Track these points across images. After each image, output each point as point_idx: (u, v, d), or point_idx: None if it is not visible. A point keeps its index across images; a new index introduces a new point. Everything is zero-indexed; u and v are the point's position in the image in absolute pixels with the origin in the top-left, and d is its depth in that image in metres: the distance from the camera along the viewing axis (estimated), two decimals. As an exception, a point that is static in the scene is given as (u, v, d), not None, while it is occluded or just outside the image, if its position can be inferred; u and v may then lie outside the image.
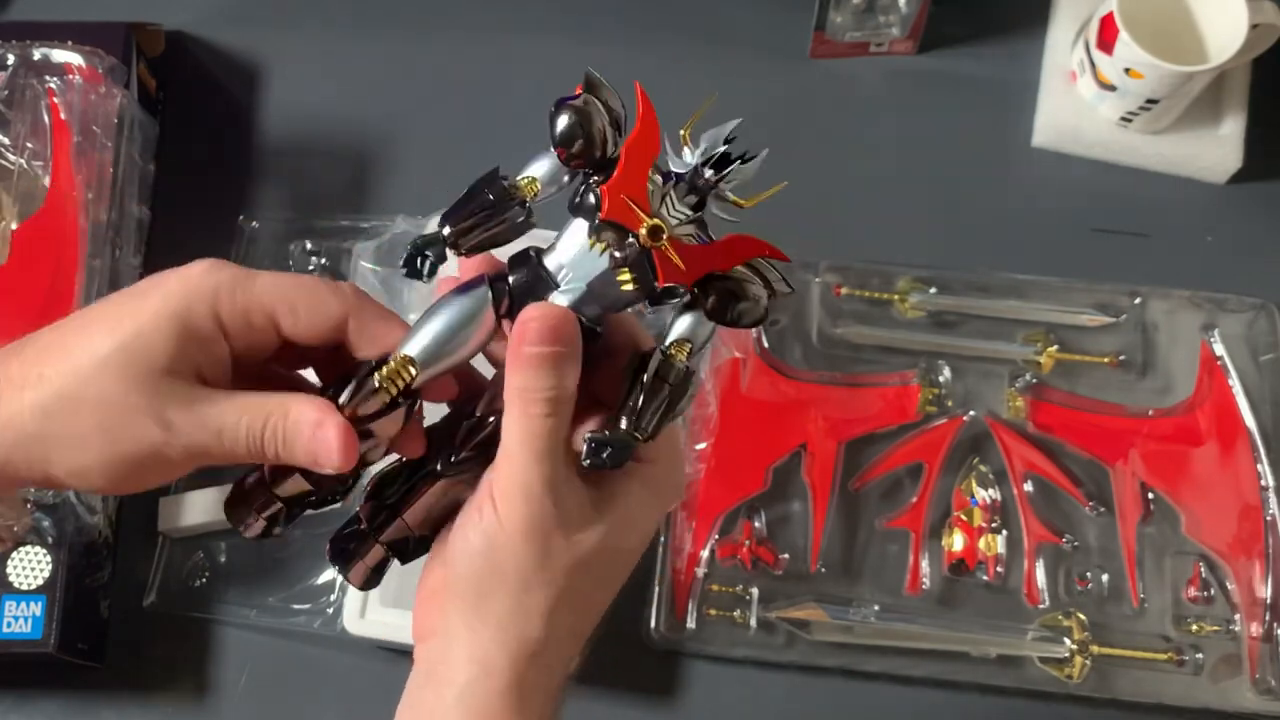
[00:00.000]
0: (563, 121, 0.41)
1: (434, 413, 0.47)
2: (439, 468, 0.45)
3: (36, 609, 0.72)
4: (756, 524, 0.79)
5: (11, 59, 0.81)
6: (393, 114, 0.91)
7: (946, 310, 0.85)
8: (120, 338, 0.41)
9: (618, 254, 0.40)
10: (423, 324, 0.43)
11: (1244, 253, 0.89)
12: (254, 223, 0.86)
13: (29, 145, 0.80)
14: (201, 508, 0.78)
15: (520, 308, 0.41)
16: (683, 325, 0.42)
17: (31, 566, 0.73)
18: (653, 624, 0.77)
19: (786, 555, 0.78)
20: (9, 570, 0.72)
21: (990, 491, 0.79)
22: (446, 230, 0.42)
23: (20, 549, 0.73)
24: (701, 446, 0.79)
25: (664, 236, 0.39)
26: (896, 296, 0.85)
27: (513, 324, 0.41)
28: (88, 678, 0.77)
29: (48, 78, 0.80)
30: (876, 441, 0.82)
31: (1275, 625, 0.76)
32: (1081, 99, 0.90)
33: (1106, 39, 0.84)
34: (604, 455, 0.41)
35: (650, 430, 0.41)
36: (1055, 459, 0.81)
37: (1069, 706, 0.76)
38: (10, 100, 0.80)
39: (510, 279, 0.42)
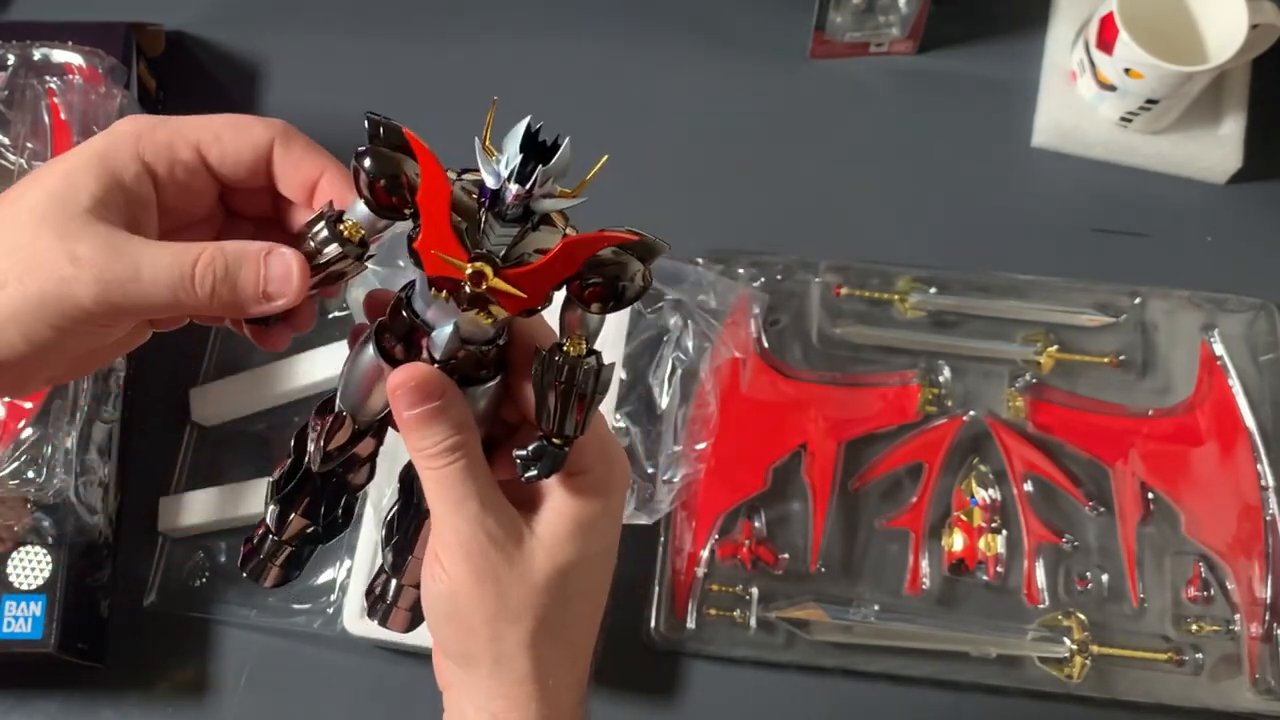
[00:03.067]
0: (360, 174, 0.39)
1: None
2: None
3: (36, 609, 0.72)
4: (756, 524, 0.79)
5: (11, 59, 0.81)
6: (392, 114, 0.91)
7: (946, 310, 0.85)
8: (41, 187, 0.40)
9: (459, 304, 0.39)
10: (341, 381, 0.43)
11: (1244, 253, 0.89)
12: (254, 223, 0.86)
13: (29, 145, 0.79)
14: (202, 508, 0.78)
15: (410, 350, 0.42)
16: (572, 318, 0.41)
17: (31, 566, 0.73)
18: (653, 624, 0.77)
19: (786, 555, 0.79)
20: (9, 570, 0.72)
21: (990, 491, 0.79)
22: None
23: (20, 549, 0.73)
24: (701, 446, 0.79)
25: (490, 277, 0.38)
26: (896, 296, 0.85)
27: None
28: (88, 678, 0.77)
29: (48, 78, 0.80)
30: (876, 441, 0.82)
31: (1275, 625, 0.76)
32: (1081, 99, 0.90)
33: (1106, 39, 0.84)
34: (535, 469, 0.41)
35: (577, 430, 0.41)
36: (1055, 459, 0.81)
37: (1069, 706, 0.76)
38: (10, 100, 0.80)
39: (389, 332, 0.42)
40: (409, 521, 0.47)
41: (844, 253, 0.86)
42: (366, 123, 0.39)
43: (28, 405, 0.72)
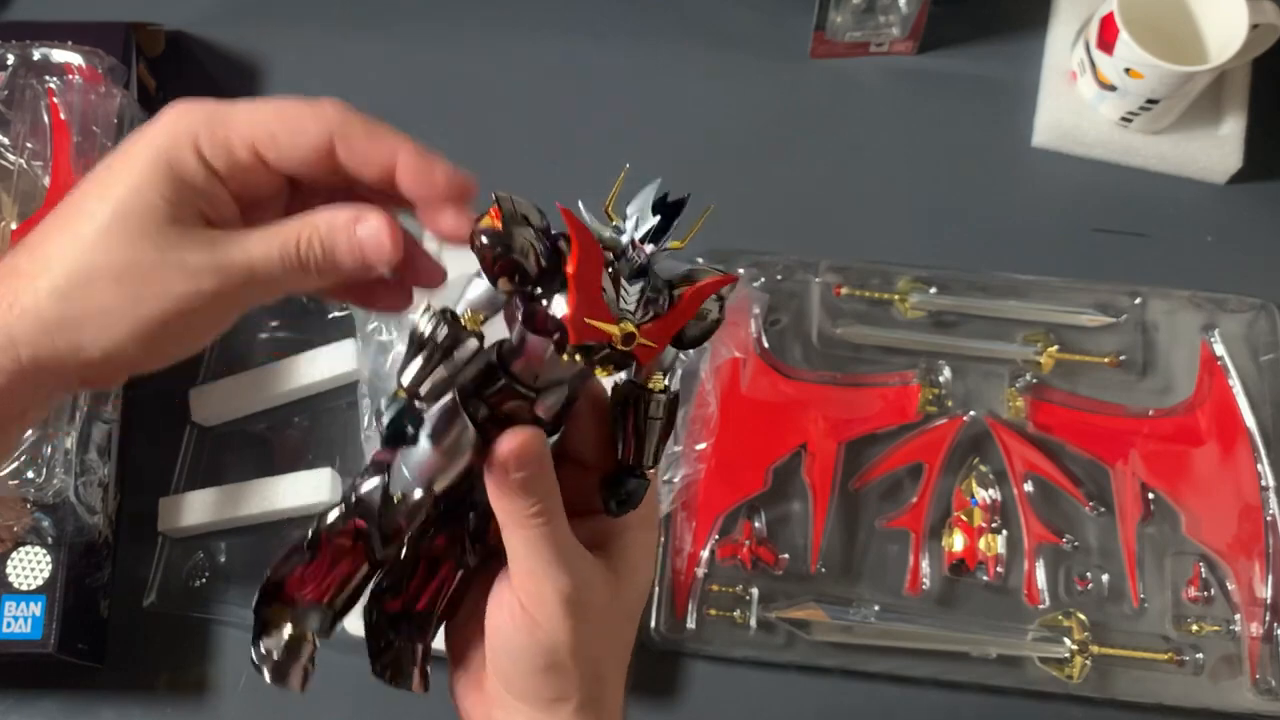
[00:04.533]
0: (487, 252, 0.38)
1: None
2: (470, 562, 0.46)
3: (36, 609, 0.72)
4: (756, 524, 0.79)
5: (11, 59, 0.81)
6: (392, 114, 0.90)
7: (946, 310, 0.85)
8: (114, 201, 0.39)
9: (599, 365, 0.40)
10: (413, 460, 0.41)
11: (1244, 253, 0.89)
12: (254, 223, 0.86)
13: (29, 145, 0.79)
14: (202, 508, 0.78)
15: (496, 416, 0.41)
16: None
17: (31, 566, 0.73)
18: (653, 624, 0.77)
19: (786, 555, 0.78)
20: (9, 570, 0.72)
21: (990, 491, 0.79)
22: (405, 399, 0.41)
23: (20, 549, 0.73)
24: (701, 446, 0.79)
25: (639, 335, 0.39)
26: (896, 296, 0.85)
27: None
28: (88, 678, 0.77)
29: (48, 78, 0.80)
30: (876, 441, 0.82)
31: (1275, 625, 0.76)
32: (1082, 99, 0.90)
33: (1106, 39, 0.84)
34: (626, 503, 0.44)
35: (654, 463, 0.43)
36: (1055, 459, 0.81)
37: (1069, 706, 0.76)
38: (10, 100, 0.80)
39: (477, 398, 0.41)
40: (424, 584, 0.47)
41: (844, 253, 0.86)
42: (495, 200, 0.39)
43: (27, 405, 0.72)
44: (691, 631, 0.77)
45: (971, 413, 0.81)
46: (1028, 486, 0.80)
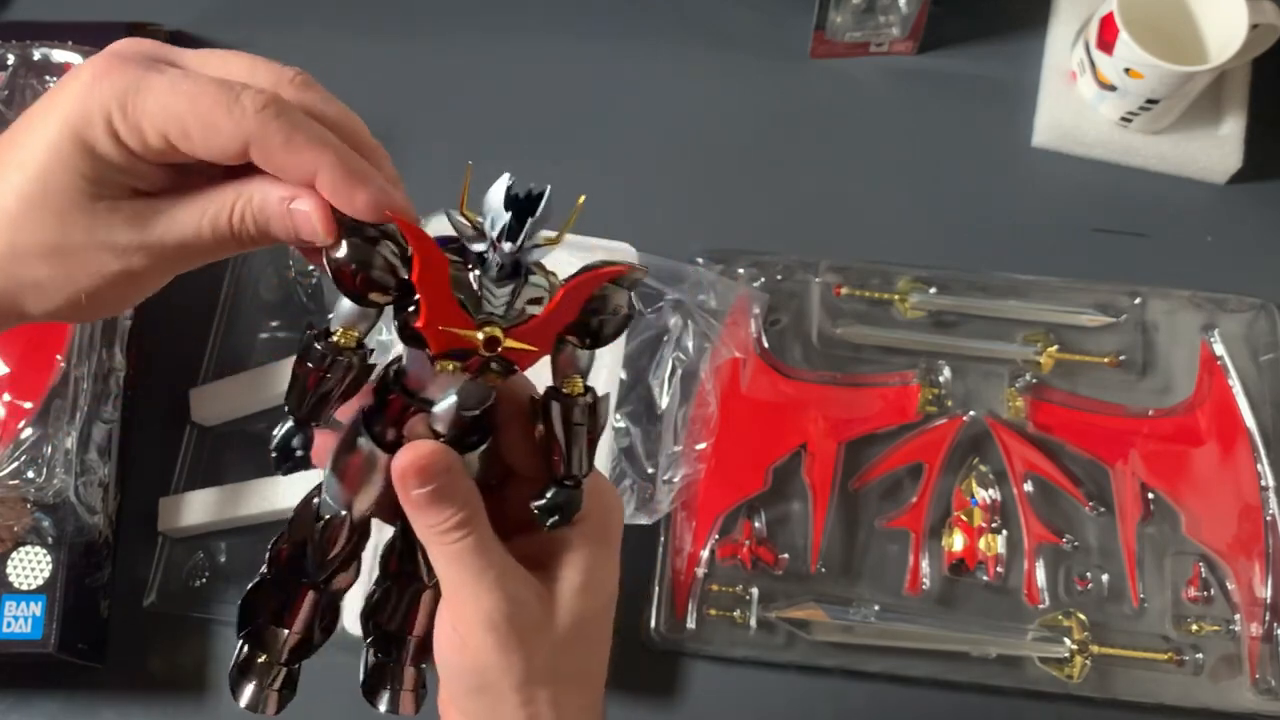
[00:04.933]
0: (340, 272, 0.37)
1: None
2: (426, 579, 0.45)
3: (36, 609, 0.72)
4: (756, 524, 0.79)
5: (11, 59, 0.81)
6: (392, 114, 0.91)
7: (946, 310, 0.85)
8: (35, 178, 0.38)
9: (470, 373, 0.39)
10: (329, 481, 0.42)
11: (1244, 253, 0.89)
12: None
13: (29, 145, 0.79)
14: (202, 508, 0.78)
15: (401, 432, 0.41)
16: (566, 359, 0.41)
17: (31, 566, 0.73)
18: (653, 624, 0.77)
19: (786, 555, 0.78)
20: (9, 570, 0.72)
21: (990, 491, 0.79)
22: (292, 419, 0.40)
23: (20, 549, 0.73)
24: (701, 446, 0.79)
25: (503, 339, 0.38)
26: (896, 296, 0.85)
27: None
28: (88, 678, 0.77)
29: (48, 78, 0.80)
30: (876, 441, 0.82)
31: (1275, 625, 0.76)
32: (1081, 99, 0.90)
33: (1106, 39, 0.84)
34: (556, 518, 0.42)
35: (589, 468, 0.42)
36: (1055, 459, 0.81)
37: (1069, 706, 0.76)
38: (10, 100, 0.80)
39: (379, 416, 0.41)
40: (398, 604, 0.46)
41: (844, 253, 0.86)
42: (348, 230, 0.38)
43: (27, 405, 0.72)
44: (691, 631, 0.77)
45: (971, 413, 0.81)
46: (1027, 486, 0.80)
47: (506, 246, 0.37)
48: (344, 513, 0.42)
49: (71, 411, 0.73)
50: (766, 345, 0.83)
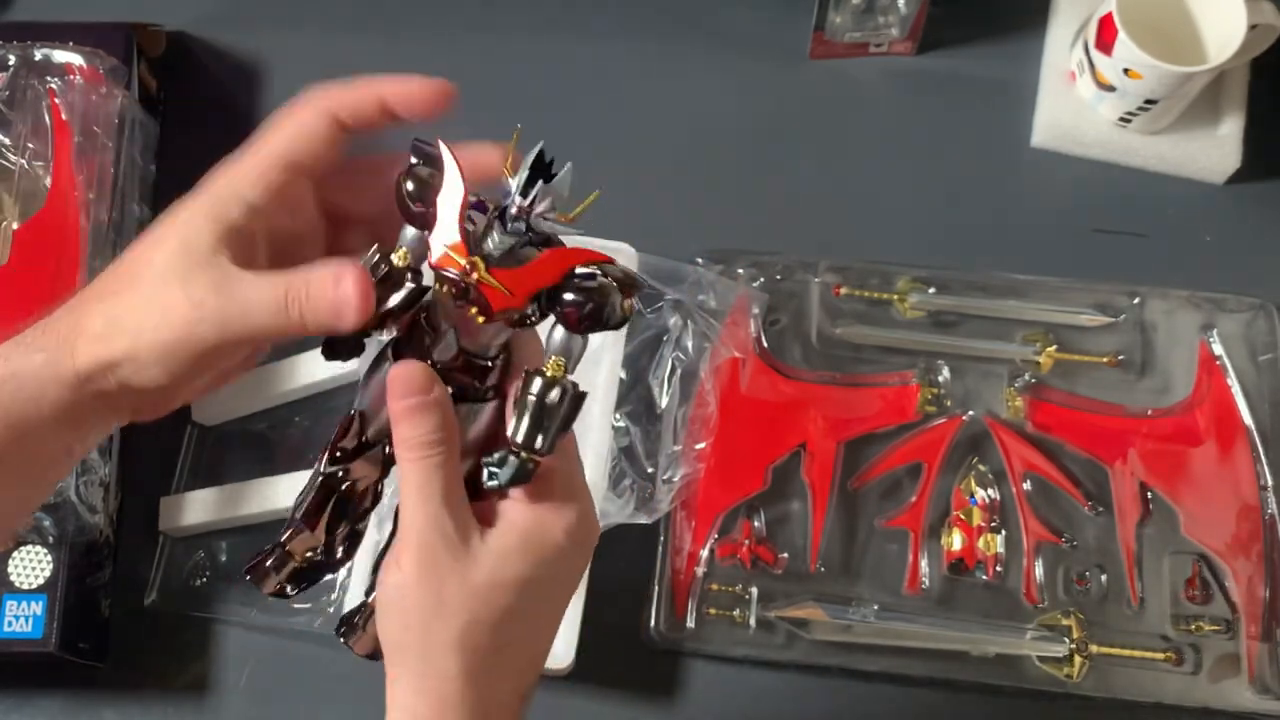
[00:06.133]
0: (401, 195, 0.44)
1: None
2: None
3: (37, 608, 0.72)
4: (756, 523, 0.79)
5: (13, 59, 0.81)
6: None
7: (946, 310, 0.85)
8: (171, 236, 0.44)
9: (453, 294, 0.42)
10: (360, 387, 0.47)
11: (1243, 253, 0.89)
12: (254, 223, 0.86)
13: (30, 145, 0.80)
14: (202, 507, 0.79)
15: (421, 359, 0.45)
16: (555, 342, 0.44)
17: (32, 566, 0.73)
18: (653, 623, 0.77)
19: (786, 555, 0.79)
20: (9, 570, 0.73)
21: (989, 491, 0.80)
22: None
23: (21, 548, 0.73)
24: (701, 446, 0.79)
25: (480, 270, 0.41)
26: (896, 296, 0.85)
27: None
28: (88, 677, 0.77)
29: (49, 78, 0.80)
30: (876, 441, 0.82)
31: (1274, 625, 0.76)
32: (1081, 99, 0.90)
33: (1105, 39, 0.84)
34: (499, 476, 0.43)
35: (544, 448, 0.43)
36: (1054, 459, 0.81)
37: (1068, 706, 0.76)
38: (11, 100, 0.80)
39: (406, 345, 0.46)
40: (322, 499, 0.48)
41: (844, 253, 0.86)
42: (412, 149, 0.44)
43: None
44: (691, 631, 0.77)
45: (970, 412, 0.82)
46: (1027, 486, 0.80)
47: (518, 200, 0.41)
48: (356, 414, 0.47)
49: (72, 411, 0.73)
50: (766, 345, 0.83)
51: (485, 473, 0.44)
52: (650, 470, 0.78)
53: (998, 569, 0.78)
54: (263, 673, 0.78)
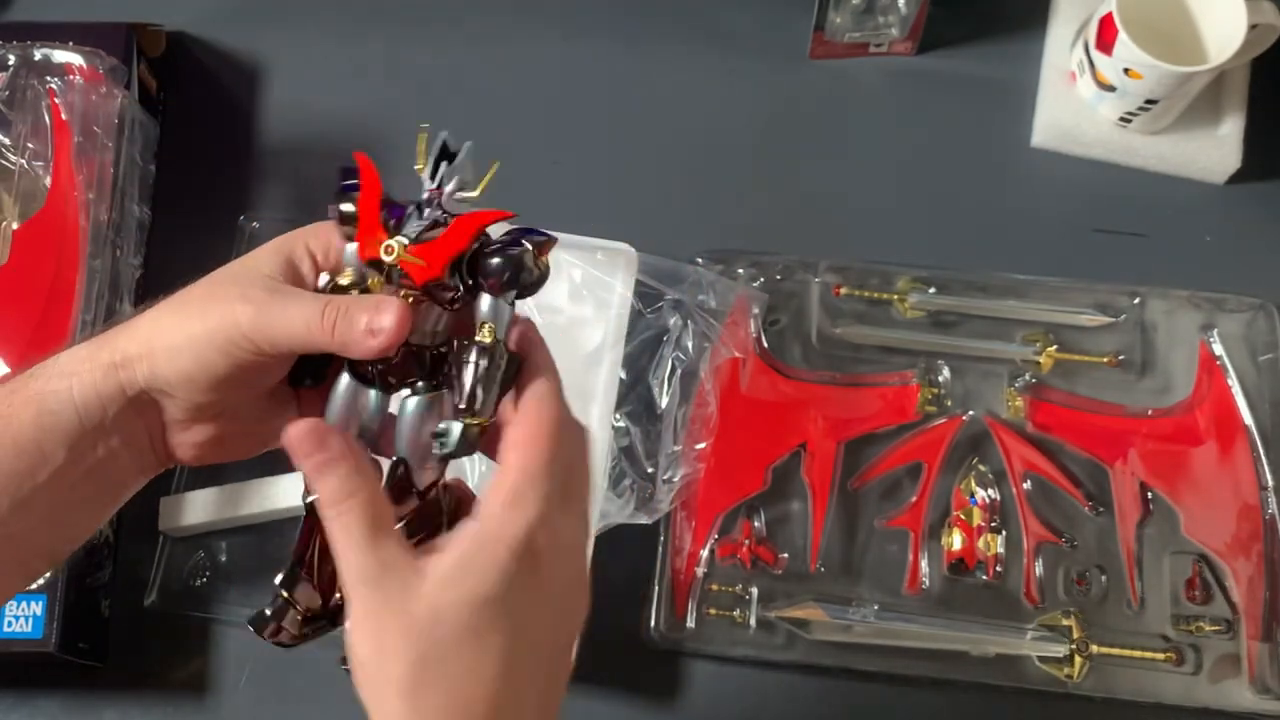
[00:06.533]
0: (331, 214, 0.47)
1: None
2: None
3: (37, 608, 0.72)
4: (756, 523, 0.79)
5: (12, 59, 0.81)
6: (393, 114, 0.91)
7: (946, 310, 0.85)
8: (238, 263, 0.48)
9: (384, 282, 0.46)
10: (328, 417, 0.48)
11: (1243, 253, 0.89)
12: (254, 223, 0.86)
13: (30, 145, 0.80)
14: (202, 507, 0.79)
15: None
16: (483, 310, 0.46)
17: (32, 566, 0.73)
18: (653, 623, 0.77)
19: (786, 555, 0.79)
20: (10, 570, 0.72)
21: (989, 491, 0.80)
22: None
23: (21, 548, 0.73)
24: (701, 446, 0.79)
25: (400, 250, 0.44)
26: (896, 296, 0.85)
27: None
28: (88, 677, 0.77)
29: (49, 78, 0.80)
30: (876, 441, 0.82)
31: (1274, 625, 0.76)
32: (1081, 99, 0.90)
33: (1105, 39, 0.84)
34: (446, 444, 0.45)
35: (483, 409, 0.45)
36: (1055, 459, 0.81)
37: (1068, 706, 0.76)
38: (11, 100, 0.80)
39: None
40: (307, 535, 0.48)
41: (844, 253, 0.86)
42: (339, 173, 0.47)
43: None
44: (691, 631, 0.77)
45: (971, 412, 0.82)
46: (1027, 486, 0.80)
47: (428, 184, 0.45)
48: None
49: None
50: (766, 345, 0.83)
51: (436, 444, 0.45)
52: (650, 470, 0.78)
53: (998, 569, 0.78)
54: (263, 673, 0.78)
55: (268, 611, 0.47)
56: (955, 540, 0.79)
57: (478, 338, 0.45)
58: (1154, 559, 0.79)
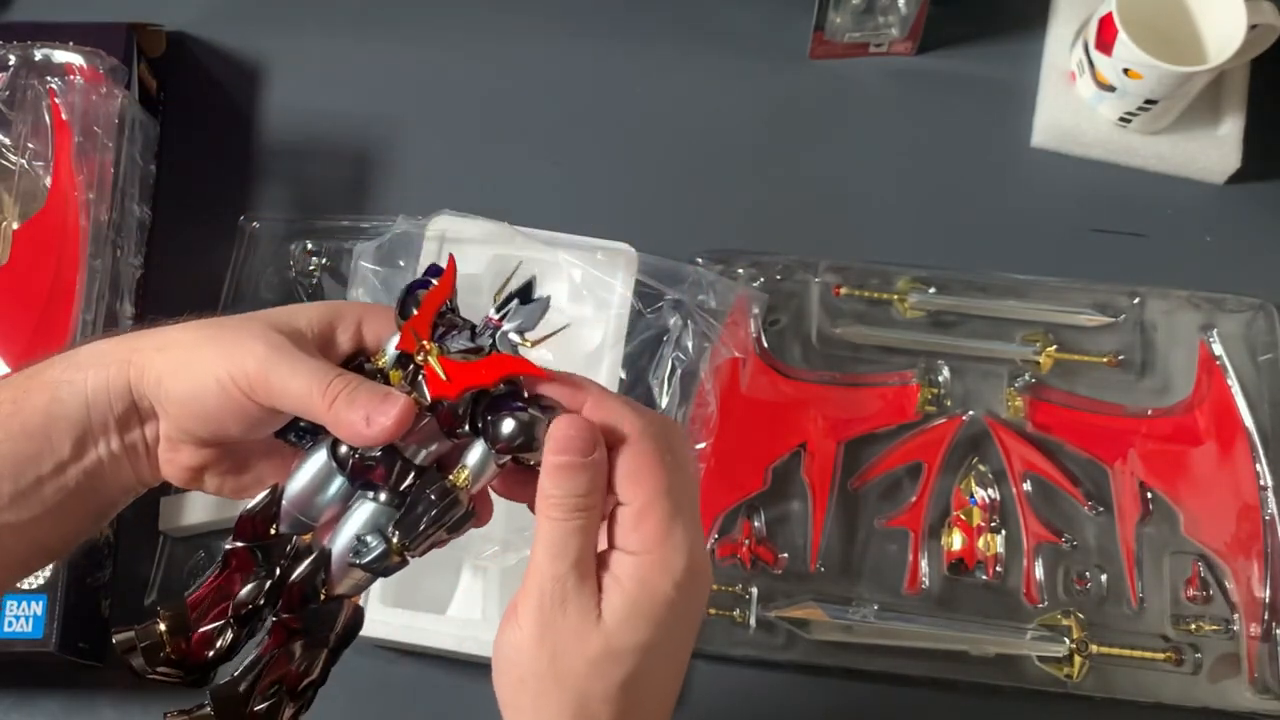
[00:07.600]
0: (398, 299, 0.47)
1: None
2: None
3: (37, 608, 0.72)
4: (756, 523, 0.79)
5: (13, 59, 0.81)
6: (393, 114, 0.92)
7: (946, 310, 0.85)
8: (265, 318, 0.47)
9: (402, 378, 0.45)
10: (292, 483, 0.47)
11: (1242, 253, 0.89)
12: (255, 223, 0.87)
13: (30, 145, 0.80)
14: (202, 507, 0.79)
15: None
16: (472, 454, 0.45)
17: (32, 566, 0.73)
18: (652, 623, 0.77)
19: (786, 555, 0.79)
20: (10, 569, 0.72)
21: (989, 491, 0.80)
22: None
23: (21, 548, 0.73)
24: (701, 446, 0.79)
25: (431, 354, 0.44)
26: (896, 296, 0.85)
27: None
28: (89, 677, 0.77)
29: (49, 78, 0.80)
30: (876, 441, 0.82)
31: (1274, 625, 0.76)
32: (1081, 99, 0.90)
33: (1105, 39, 0.84)
34: (362, 556, 0.44)
35: (411, 544, 0.44)
36: (1054, 459, 0.81)
37: (1068, 706, 0.76)
38: (12, 100, 0.80)
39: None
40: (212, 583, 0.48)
41: (844, 253, 0.86)
42: (426, 268, 0.47)
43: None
44: (691, 631, 0.77)
45: (970, 412, 0.82)
46: (1026, 486, 0.80)
47: (492, 313, 0.45)
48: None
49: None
50: (766, 345, 0.83)
51: (352, 549, 0.44)
52: (650, 470, 0.78)
53: (998, 569, 0.78)
54: (263, 673, 0.77)
55: (134, 631, 0.48)
56: (955, 540, 0.79)
57: (450, 478, 0.44)
58: (1154, 559, 0.79)
